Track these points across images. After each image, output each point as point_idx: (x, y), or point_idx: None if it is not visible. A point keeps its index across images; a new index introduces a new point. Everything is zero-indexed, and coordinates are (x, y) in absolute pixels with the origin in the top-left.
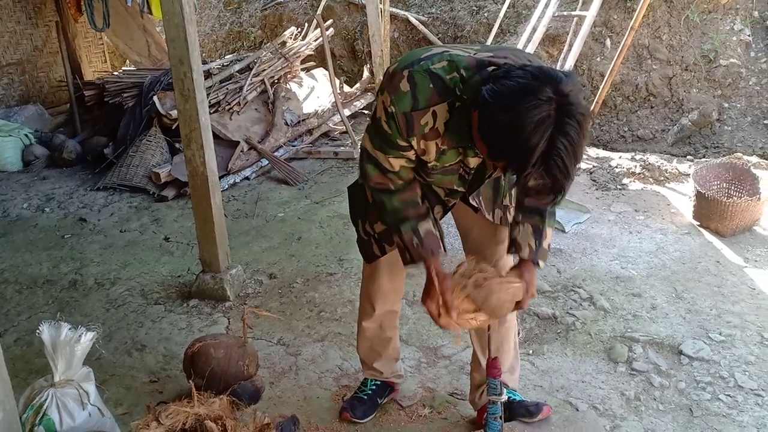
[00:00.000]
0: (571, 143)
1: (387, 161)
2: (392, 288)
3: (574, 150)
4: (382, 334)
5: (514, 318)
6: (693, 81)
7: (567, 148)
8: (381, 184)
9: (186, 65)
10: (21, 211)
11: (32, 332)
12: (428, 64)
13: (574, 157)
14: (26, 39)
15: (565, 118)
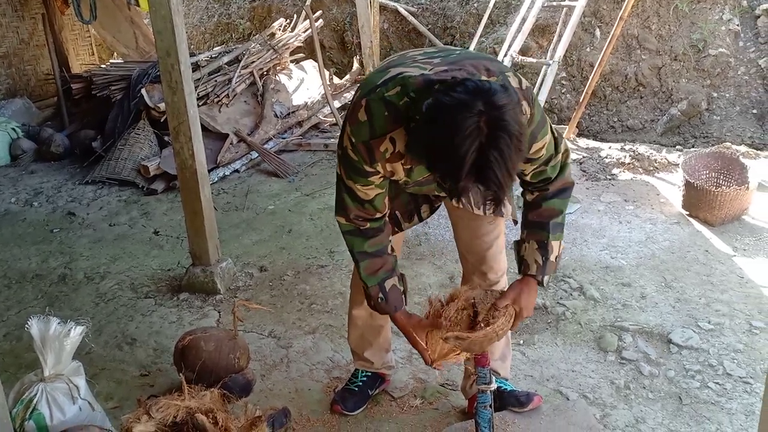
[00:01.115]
0: (501, 155)
1: (362, 191)
2: None
3: (505, 162)
4: (373, 322)
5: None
6: (682, 71)
7: (497, 160)
8: (359, 218)
9: (173, 57)
10: (9, 206)
11: (21, 327)
12: (383, 91)
13: (506, 169)
14: (12, 32)
15: (497, 131)
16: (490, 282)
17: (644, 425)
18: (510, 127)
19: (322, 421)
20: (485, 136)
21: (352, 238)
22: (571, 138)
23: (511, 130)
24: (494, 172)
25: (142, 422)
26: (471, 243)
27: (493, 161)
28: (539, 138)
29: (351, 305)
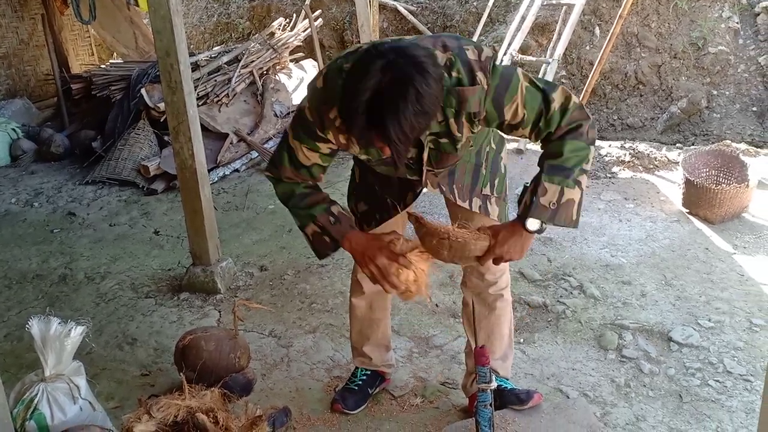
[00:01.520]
0: (396, 107)
1: (302, 152)
2: None
3: (398, 115)
4: (372, 314)
5: (508, 307)
6: (682, 69)
7: (391, 110)
8: (290, 179)
9: (173, 57)
10: (9, 206)
11: (22, 327)
12: (342, 62)
13: (399, 123)
14: (12, 32)
15: (398, 83)
16: (488, 282)
17: (644, 423)
18: (413, 82)
19: (323, 420)
20: (385, 83)
21: (285, 186)
22: None
23: (413, 87)
24: (387, 121)
25: (142, 422)
26: None
27: (387, 110)
28: (507, 100)
29: (351, 293)
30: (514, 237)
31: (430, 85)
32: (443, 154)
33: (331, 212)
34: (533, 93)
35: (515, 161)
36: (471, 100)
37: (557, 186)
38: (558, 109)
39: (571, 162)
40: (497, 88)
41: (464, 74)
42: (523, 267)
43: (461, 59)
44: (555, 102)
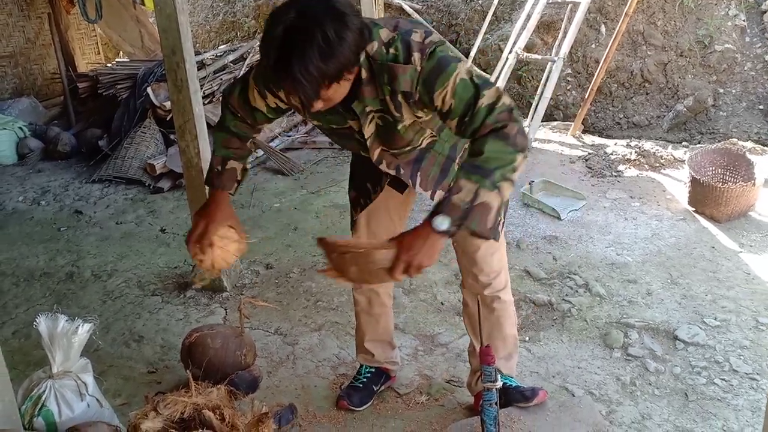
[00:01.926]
0: (302, 50)
1: (253, 93)
2: None
3: (304, 57)
4: (371, 309)
5: (508, 308)
6: (688, 67)
7: (298, 52)
8: (234, 109)
9: (179, 56)
10: (17, 204)
11: (30, 325)
12: None
13: (304, 65)
14: (18, 31)
15: (307, 26)
16: (482, 284)
17: (650, 421)
18: (321, 25)
19: (329, 418)
20: (295, 23)
21: (225, 113)
22: (577, 135)
23: (320, 29)
24: (292, 62)
25: (149, 419)
26: (461, 244)
27: (293, 49)
28: (438, 85)
29: (353, 288)
30: (420, 240)
31: (341, 30)
32: (392, 133)
33: (224, 162)
34: (466, 85)
35: None
36: (401, 79)
37: (474, 185)
38: (485, 106)
39: (492, 163)
40: (431, 71)
41: (401, 52)
42: (529, 265)
43: (403, 39)
44: (484, 98)
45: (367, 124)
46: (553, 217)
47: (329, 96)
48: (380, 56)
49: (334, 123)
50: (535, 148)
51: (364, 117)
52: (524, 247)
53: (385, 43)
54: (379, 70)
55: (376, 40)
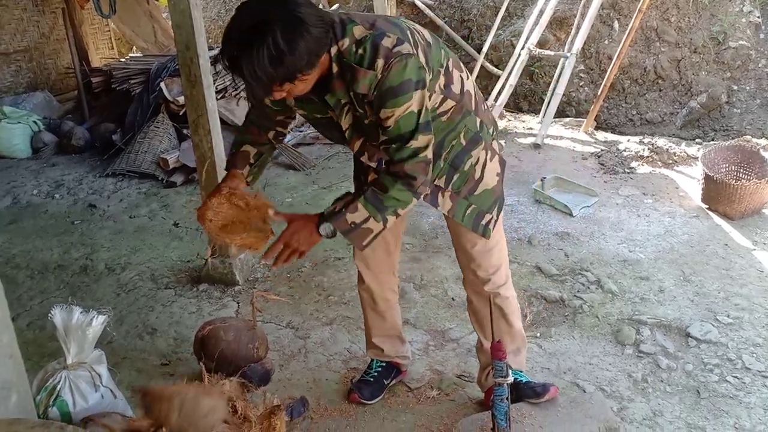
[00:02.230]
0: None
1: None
2: (371, 254)
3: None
4: (375, 306)
5: (511, 302)
6: (702, 63)
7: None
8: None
9: (192, 51)
10: (31, 198)
11: (44, 316)
12: None
13: (253, 63)
14: (33, 26)
15: (251, 39)
16: (482, 280)
17: (662, 418)
18: (274, 35)
19: (340, 411)
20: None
21: (249, 108)
22: (589, 131)
23: (273, 39)
24: (241, 64)
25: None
26: (458, 240)
27: (244, 54)
28: (387, 105)
29: (357, 283)
30: (306, 231)
31: (294, 39)
32: (365, 126)
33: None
34: (410, 118)
35: (532, 156)
36: (361, 82)
37: (367, 213)
38: (413, 149)
39: (390, 203)
40: (391, 88)
41: (368, 54)
42: (540, 262)
43: (374, 41)
44: (416, 141)
45: (343, 116)
46: (565, 213)
47: (288, 90)
48: (348, 55)
49: (317, 113)
50: (547, 144)
51: (339, 109)
52: (536, 243)
53: (356, 40)
54: (346, 68)
55: (348, 37)
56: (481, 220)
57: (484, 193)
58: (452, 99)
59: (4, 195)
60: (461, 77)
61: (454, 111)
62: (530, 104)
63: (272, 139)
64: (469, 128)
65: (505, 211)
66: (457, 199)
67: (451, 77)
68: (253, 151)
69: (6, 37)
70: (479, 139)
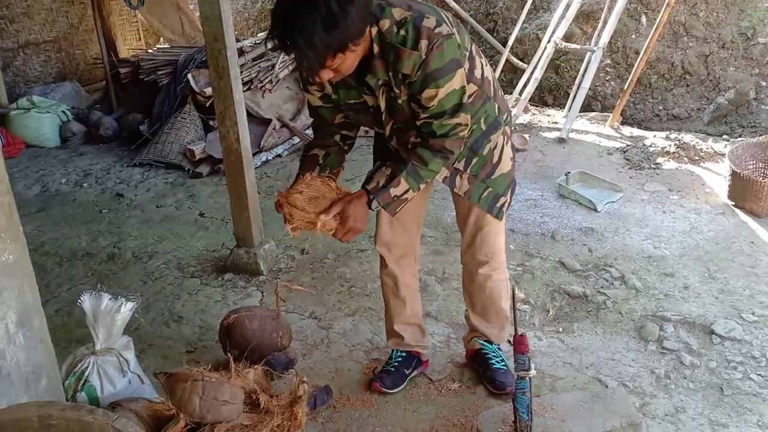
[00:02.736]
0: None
1: (309, 95)
2: (393, 239)
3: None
4: (397, 292)
5: (501, 284)
6: (730, 59)
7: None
8: (314, 118)
9: (220, 42)
10: (60, 186)
11: (72, 303)
12: None
13: (305, 36)
14: (62, 17)
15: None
16: (479, 262)
17: (684, 415)
18: (326, 2)
19: (362, 401)
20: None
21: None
22: (615, 126)
23: (325, 5)
24: (295, 34)
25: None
26: (466, 221)
27: (297, 23)
28: (431, 86)
29: (379, 269)
30: (359, 207)
31: (345, 4)
32: (396, 108)
33: (308, 149)
34: (454, 96)
35: (557, 150)
36: (405, 63)
37: (407, 186)
38: (453, 124)
39: (426, 174)
40: (435, 69)
41: (410, 36)
42: (564, 257)
43: (415, 22)
44: (458, 119)
45: (381, 97)
46: (589, 208)
47: (336, 66)
48: (390, 35)
49: (352, 98)
50: (572, 139)
51: (377, 90)
52: (559, 238)
53: (397, 22)
54: (388, 49)
55: (388, 18)
56: (496, 203)
57: (500, 176)
58: (474, 84)
59: (33, 183)
60: (481, 63)
61: (476, 96)
62: (555, 98)
63: (339, 142)
64: (489, 114)
65: (529, 205)
66: (475, 182)
67: (474, 62)
68: (321, 153)
69: (36, 27)
70: (498, 124)
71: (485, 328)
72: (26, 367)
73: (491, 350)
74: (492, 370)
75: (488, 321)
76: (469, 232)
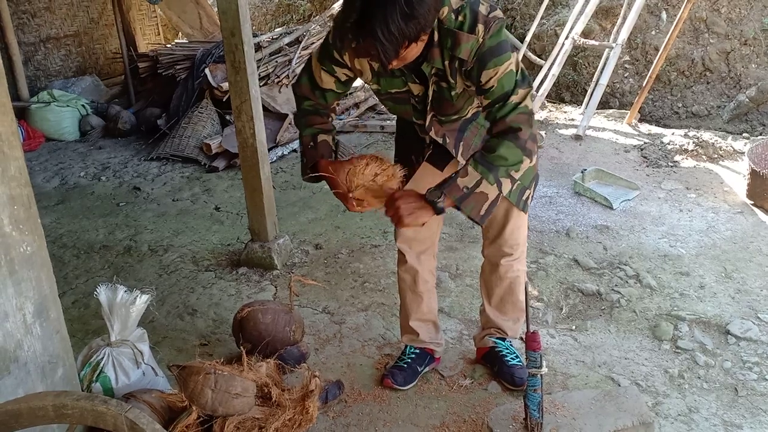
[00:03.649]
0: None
1: (320, 74)
2: (415, 235)
3: (385, 16)
4: (415, 288)
5: (521, 276)
6: (752, 56)
7: (379, 11)
8: (304, 96)
9: (237, 37)
10: (78, 179)
11: (89, 295)
12: None
13: (385, 23)
14: (83, 11)
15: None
16: (503, 253)
17: (697, 415)
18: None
19: (374, 396)
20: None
21: (298, 101)
22: (633, 123)
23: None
24: (374, 23)
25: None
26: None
27: (375, 8)
28: (489, 65)
29: (397, 265)
30: (416, 203)
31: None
32: (443, 99)
33: (314, 138)
34: (511, 77)
35: (573, 147)
36: (463, 47)
37: (478, 174)
38: (514, 103)
39: (499, 161)
40: (490, 49)
41: (468, 21)
42: (578, 254)
43: (471, 8)
44: (517, 96)
45: (430, 87)
46: (604, 206)
47: (405, 55)
48: (449, 21)
49: (394, 87)
50: (588, 136)
51: (430, 79)
52: (574, 235)
53: (454, 9)
54: (445, 35)
55: (447, 6)
56: (523, 195)
57: (528, 170)
58: None
59: (52, 176)
60: None
61: None
62: (572, 95)
63: (331, 123)
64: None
65: (544, 202)
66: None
67: None
68: (330, 138)
69: (57, 21)
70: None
71: (501, 321)
72: (43, 357)
73: (504, 347)
74: (509, 366)
75: (504, 313)
76: (497, 225)
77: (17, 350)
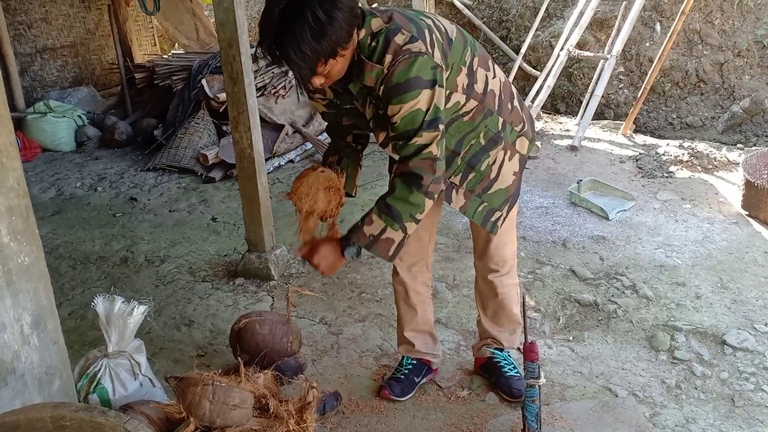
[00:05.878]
0: (293, 30)
1: (315, 104)
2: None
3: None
4: (408, 300)
5: (512, 290)
6: (745, 67)
7: (291, 30)
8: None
9: (235, 48)
10: (74, 190)
11: (86, 306)
12: None
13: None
14: (79, 22)
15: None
16: (489, 269)
17: (694, 425)
18: (312, 9)
19: (371, 407)
20: (287, 9)
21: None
22: (628, 134)
23: (309, 9)
24: (286, 44)
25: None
26: (476, 233)
27: (287, 33)
28: (394, 102)
29: (392, 276)
30: (332, 257)
31: (331, 9)
32: (382, 118)
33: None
34: (416, 117)
35: (569, 158)
36: (366, 75)
37: (383, 223)
38: (417, 145)
39: (401, 206)
40: (398, 84)
41: (378, 48)
42: (574, 265)
43: (387, 36)
44: (420, 138)
45: (367, 106)
46: (600, 217)
47: (327, 72)
48: (363, 46)
49: (347, 103)
50: (584, 146)
51: (362, 98)
52: (570, 246)
53: (372, 33)
54: (357, 59)
55: (365, 29)
56: (491, 217)
57: (497, 192)
58: (475, 99)
59: (48, 187)
60: (486, 76)
61: (476, 111)
62: (568, 106)
63: (353, 143)
64: (489, 128)
65: (540, 212)
66: (471, 197)
67: (475, 77)
68: (335, 159)
69: (53, 32)
70: (499, 139)
71: (497, 332)
72: (40, 368)
73: (502, 357)
74: (506, 377)
75: (500, 325)
76: (479, 241)
77: (14, 361)
